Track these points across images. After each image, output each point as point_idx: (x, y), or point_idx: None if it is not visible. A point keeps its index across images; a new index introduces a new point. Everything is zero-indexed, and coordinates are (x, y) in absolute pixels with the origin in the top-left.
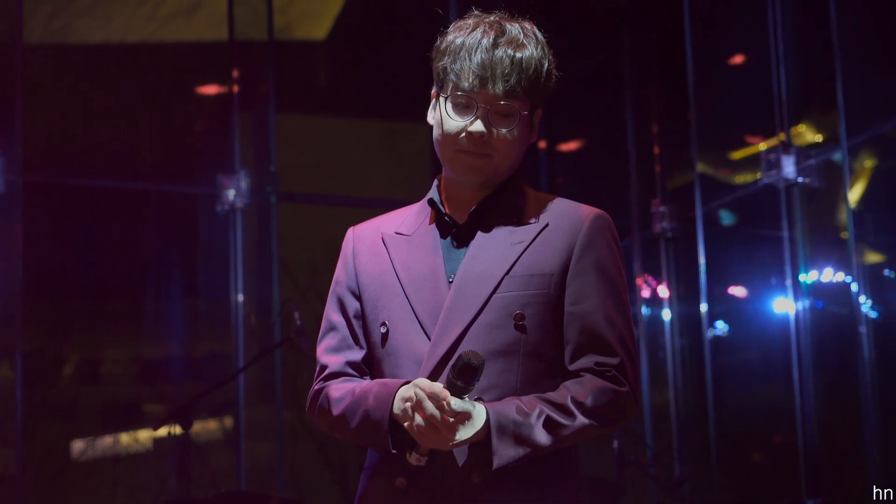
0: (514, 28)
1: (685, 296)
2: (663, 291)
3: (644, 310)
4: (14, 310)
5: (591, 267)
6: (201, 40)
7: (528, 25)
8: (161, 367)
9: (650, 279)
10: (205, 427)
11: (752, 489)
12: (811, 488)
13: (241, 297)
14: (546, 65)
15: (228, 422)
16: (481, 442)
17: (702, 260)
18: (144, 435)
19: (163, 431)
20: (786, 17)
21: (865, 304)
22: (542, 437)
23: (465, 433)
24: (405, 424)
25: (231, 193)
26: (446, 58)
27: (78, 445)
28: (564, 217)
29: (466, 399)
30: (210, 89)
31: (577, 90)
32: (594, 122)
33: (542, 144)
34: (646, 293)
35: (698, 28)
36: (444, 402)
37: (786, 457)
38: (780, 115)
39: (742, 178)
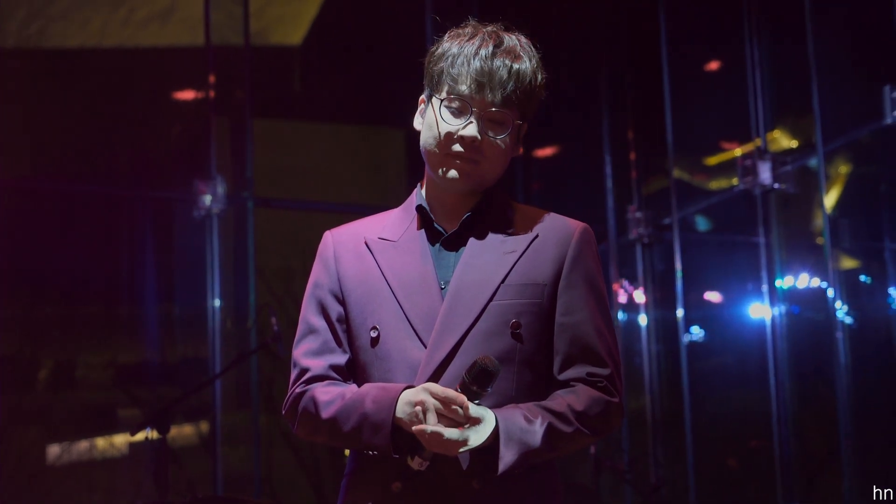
0: (511, 39)
1: (661, 301)
2: (639, 297)
3: (620, 315)
4: None
5: (582, 280)
6: (177, 45)
7: (524, 39)
8: (137, 371)
9: (626, 285)
10: (181, 432)
11: (729, 494)
12: (787, 493)
13: (217, 303)
14: (539, 79)
15: (205, 427)
16: (485, 448)
17: (678, 265)
18: (120, 440)
19: (139, 436)
20: (761, 23)
21: (841, 309)
22: (544, 444)
23: (477, 439)
24: (413, 428)
25: (207, 199)
26: (443, 62)
27: (53, 450)
28: (553, 229)
29: (477, 404)
30: (186, 94)
31: (553, 96)
32: (570, 127)
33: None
34: (622, 299)
35: (674, 34)
36: (459, 408)
37: (762, 462)
38: (755, 121)
39: (718, 184)
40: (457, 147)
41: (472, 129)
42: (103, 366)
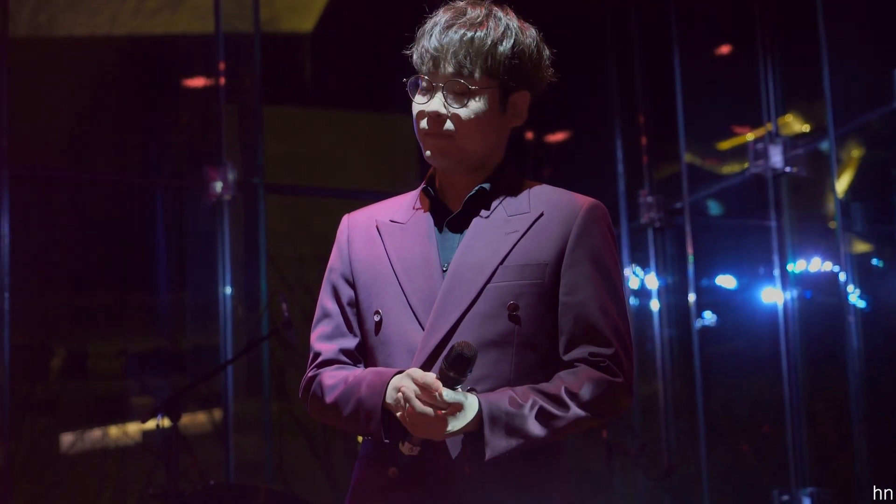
0: (476, 11)
1: (673, 286)
2: (651, 282)
3: (632, 300)
4: (1, 303)
5: (586, 257)
6: (188, 33)
7: (497, 9)
8: (148, 360)
9: (638, 269)
10: (193, 420)
11: (741, 479)
12: (800, 478)
13: (228, 290)
14: (510, 44)
15: (217, 414)
16: (474, 433)
17: (690, 250)
18: (133, 428)
19: (151, 424)
20: (771, 7)
21: (853, 293)
22: (535, 428)
23: (456, 424)
24: (397, 414)
25: (218, 185)
26: (413, 44)
27: (66, 438)
28: (559, 206)
29: (459, 390)
30: (197, 82)
31: (564, 81)
32: (581, 112)
33: (529, 135)
34: (634, 284)
35: (684, 18)
36: (436, 393)
37: (774, 446)
38: (767, 105)
39: (730, 168)
40: (424, 124)
41: (432, 105)
42: (115, 354)
